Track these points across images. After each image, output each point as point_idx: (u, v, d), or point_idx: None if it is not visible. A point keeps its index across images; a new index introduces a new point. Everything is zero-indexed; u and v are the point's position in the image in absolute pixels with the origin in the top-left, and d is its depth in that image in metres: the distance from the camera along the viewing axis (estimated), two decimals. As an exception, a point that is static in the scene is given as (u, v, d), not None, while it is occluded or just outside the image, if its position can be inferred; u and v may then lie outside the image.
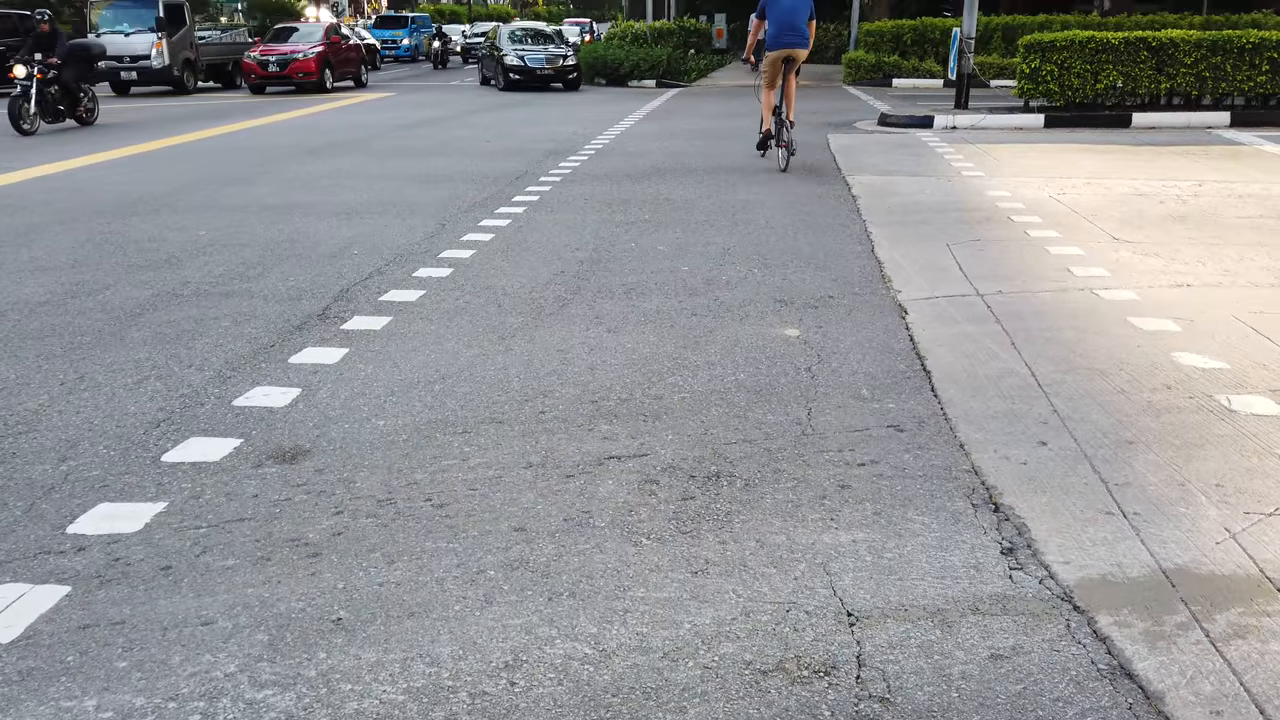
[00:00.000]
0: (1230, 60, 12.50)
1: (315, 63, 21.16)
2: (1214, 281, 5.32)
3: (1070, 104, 13.01)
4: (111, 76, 20.31)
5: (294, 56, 21.10)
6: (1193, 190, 8.08)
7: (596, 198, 8.17)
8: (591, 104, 17.76)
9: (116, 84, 21.01)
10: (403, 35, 36.26)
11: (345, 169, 9.91)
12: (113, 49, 19.38)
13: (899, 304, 5.01)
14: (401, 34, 36.40)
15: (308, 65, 21.07)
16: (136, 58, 20.62)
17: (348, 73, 23.19)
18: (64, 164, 10.40)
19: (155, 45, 20.73)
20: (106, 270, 5.79)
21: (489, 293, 5.28)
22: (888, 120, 13.66)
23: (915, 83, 20.89)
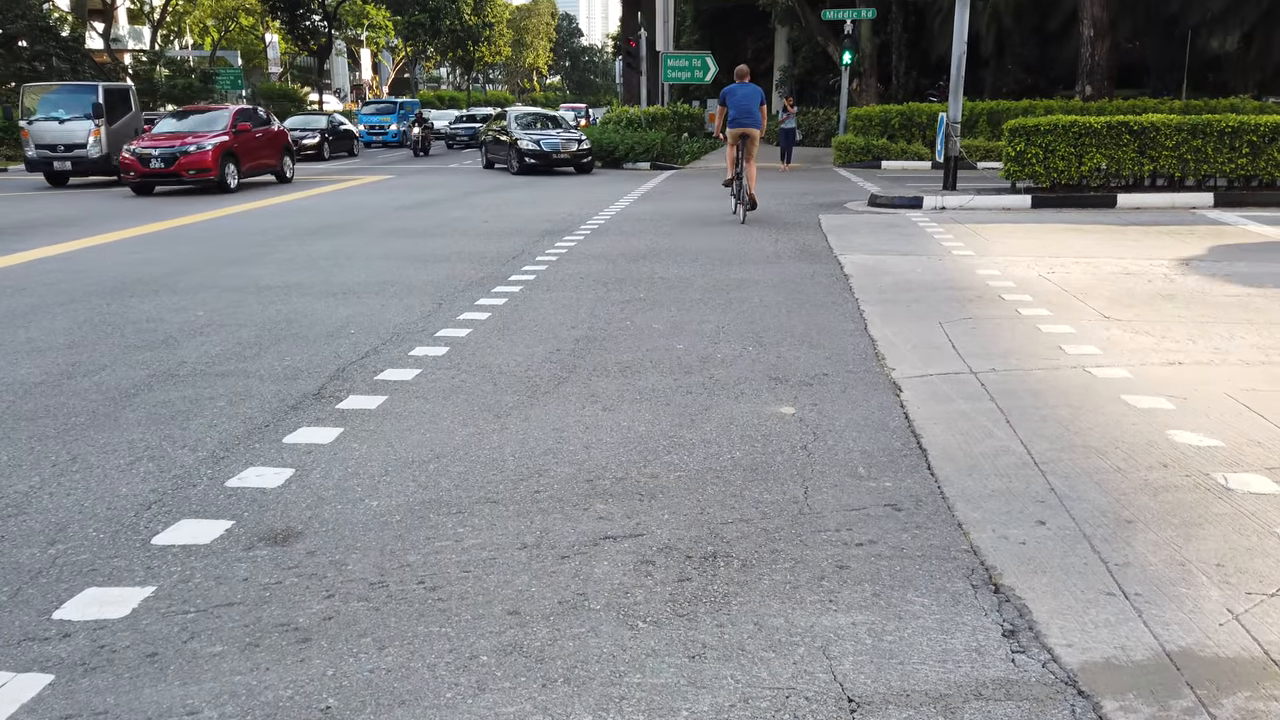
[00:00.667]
0: (1211, 143, 12.82)
1: (213, 157, 16.96)
2: (1205, 359, 5.36)
3: (1056, 185, 13.28)
4: (44, 166, 19.03)
5: (183, 150, 16.89)
6: (1180, 269, 8.20)
7: (592, 277, 8.25)
8: (588, 185, 18.08)
9: (51, 174, 19.22)
10: (391, 120, 36.36)
11: (343, 250, 10.02)
12: (48, 137, 18.79)
13: (893, 382, 5.03)
14: (390, 119, 36.55)
15: (202, 160, 16.86)
16: (72, 146, 18.89)
17: (263, 166, 18.91)
18: (67, 245, 10.51)
19: (93, 133, 18.95)
20: (103, 351, 5.81)
21: (485, 371, 5.30)
22: (878, 201, 13.90)
23: (904, 165, 21.35)
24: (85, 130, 19.04)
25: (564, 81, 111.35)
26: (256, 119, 19.23)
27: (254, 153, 18.46)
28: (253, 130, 18.59)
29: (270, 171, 19.25)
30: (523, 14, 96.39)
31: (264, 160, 18.88)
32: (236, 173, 17.64)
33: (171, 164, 16.81)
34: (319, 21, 53.24)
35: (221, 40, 57.65)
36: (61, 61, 27.89)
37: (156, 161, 16.80)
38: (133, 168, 17.00)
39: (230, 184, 17.32)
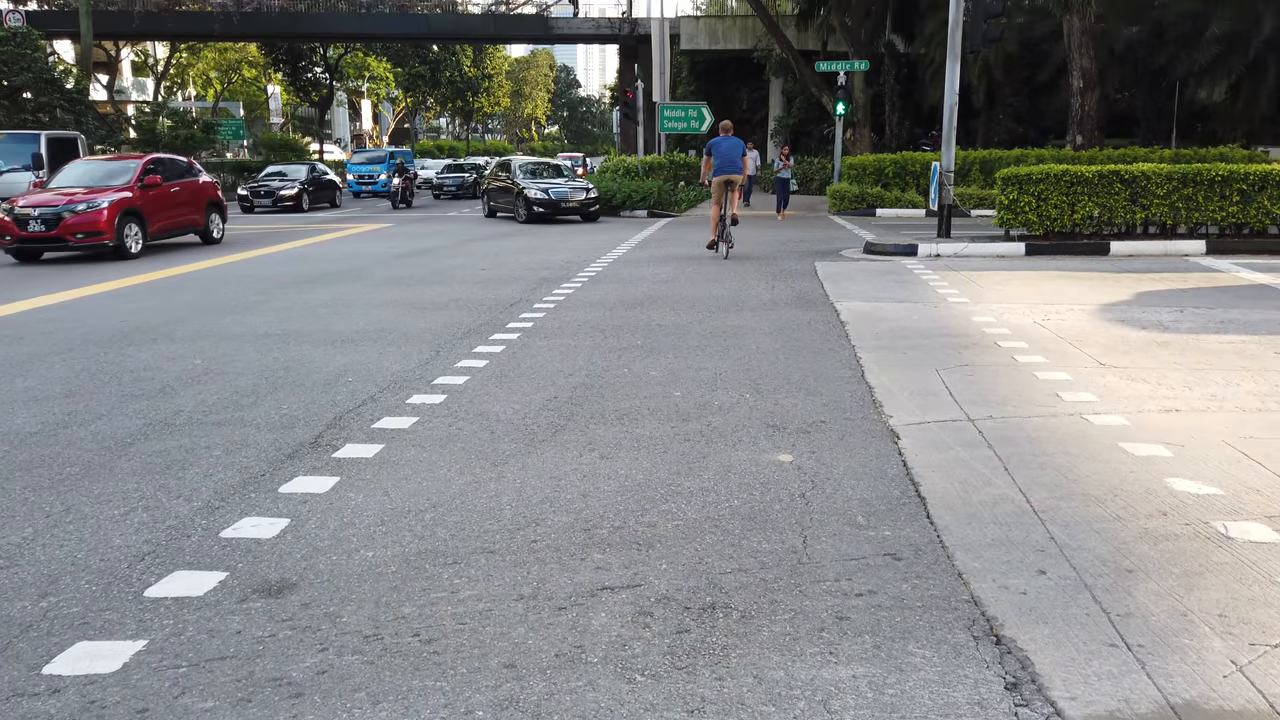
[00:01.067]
0: (1201, 191, 12.97)
1: (108, 217, 13.91)
2: (1202, 406, 5.37)
3: (1049, 233, 13.41)
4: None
5: (70, 209, 13.82)
6: (1174, 316, 8.25)
7: (590, 324, 8.28)
8: (585, 233, 18.22)
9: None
10: (381, 170, 35.85)
11: (342, 297, 10.06)
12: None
13: (891, 429, 5.03)
14: (380, 169, 36.15)
15: (93, 221, 13.82)
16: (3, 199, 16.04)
17: (180, 225, 16.02)
18: (66, 294, 10.55)
19: (34, 184, 16.84)
20: (100, 400, 5.80)
21: (482, 419, 5.29)
22: (873, 248, 14.01)
23: (898, 212, 21.55)
24: (26, 183, 17.30)
25: (562, 131, 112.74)
26: (173, 170, 16.23)
27: (168, 210, 15.45)
28: (165, 184, 15.49)
29: (194, 231, 16.49)
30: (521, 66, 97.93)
31: (182, 218, 16.00)
32: (142, 235, 14.68)
33: (55, 226, 13.70)
34: (321, 73, 54.09)
35: (224, 92, 58.47)
36: (65, 113, 28.23)
37: (36, 223, 13.69)
38: (7, 231, 13.79)
39: (131, 249, 14.37)
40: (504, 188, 23.06)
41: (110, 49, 48.11)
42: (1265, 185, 12.88)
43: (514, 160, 24.34)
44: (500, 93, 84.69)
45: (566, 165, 26.61)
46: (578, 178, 24.28)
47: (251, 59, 55.91)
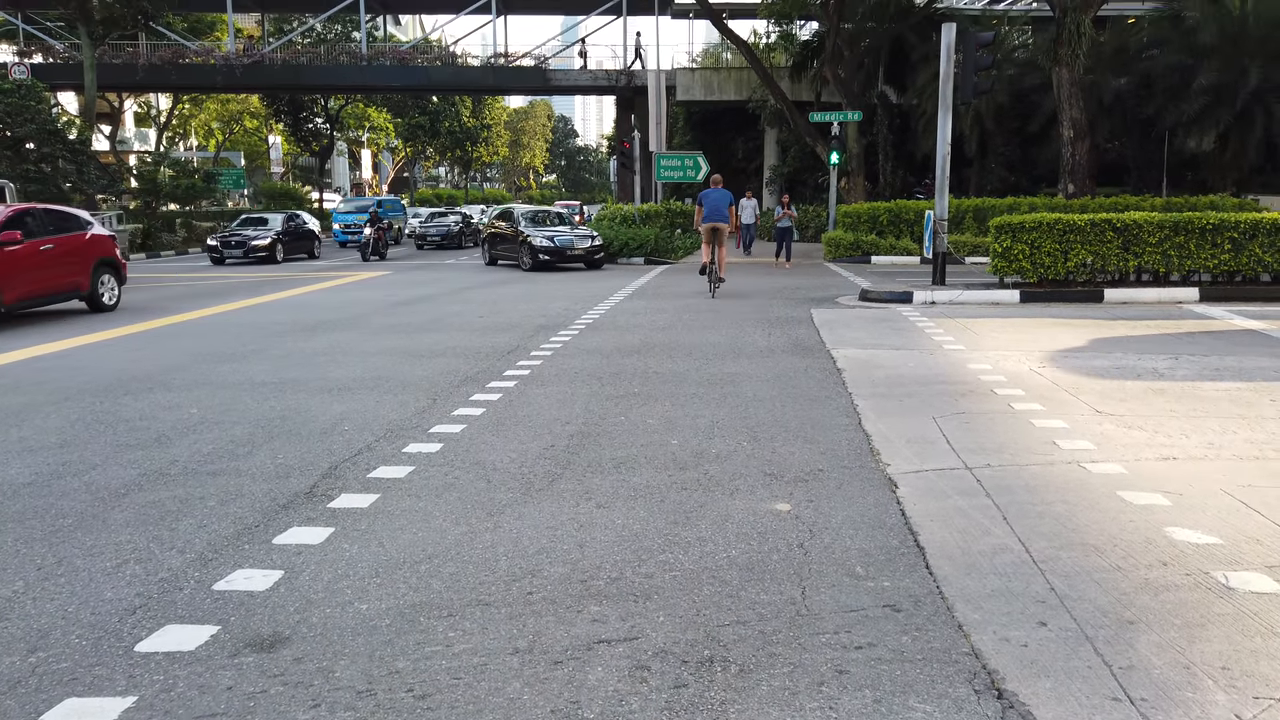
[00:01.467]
0: (1193, 239, 13.09)
1: None
2: (1199, 454, 5.36)
3: (1043, 280, 13.50)
4: None
5: None
6: (1169, 363, 8.27)
7: (587, 371, 8.29)
8: (583, 280, 18.32)
9: None
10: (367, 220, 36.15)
11: (339, 345, 10.08)
12: None
13: (889, 477, 5.02)
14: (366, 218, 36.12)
15: None
16: None
17: (54, 290, 13.14)
18: (63, 343, 10.55)
19: None
20: (95, 450, 5.78)
21: (478, 468, 5.27)
22: (869, 296, 14.09)
23: (893, 260, 21.71)
24: None
25: (560, 180, 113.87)
26: (47, 223, 13.27)
27: (33, 272, 12.63)
28: (32, 240, 12.65)
29: (78, 296, 13.60)
30: (520, 116, 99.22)
31: (57, 281, 13.12)
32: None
33: None
34: (321, 124, 54.76)
35: (226, 142, 59.13)
36: (67, 163, 28.49)
37: None
38: None
39: None
40: (506, 235, 23.07)
41: (114, 100, 48.73)
42: (1256, 233, 13.01)
43: (516, 208, 24.48)
44: (499, 142, 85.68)
45: (567, 213, 26.81)
46: (580, 225, 24.42)
47: (253, 110, 56.62)
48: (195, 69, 40.38)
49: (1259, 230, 13.01)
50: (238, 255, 25.35)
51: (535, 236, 21.60)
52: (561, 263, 21.60)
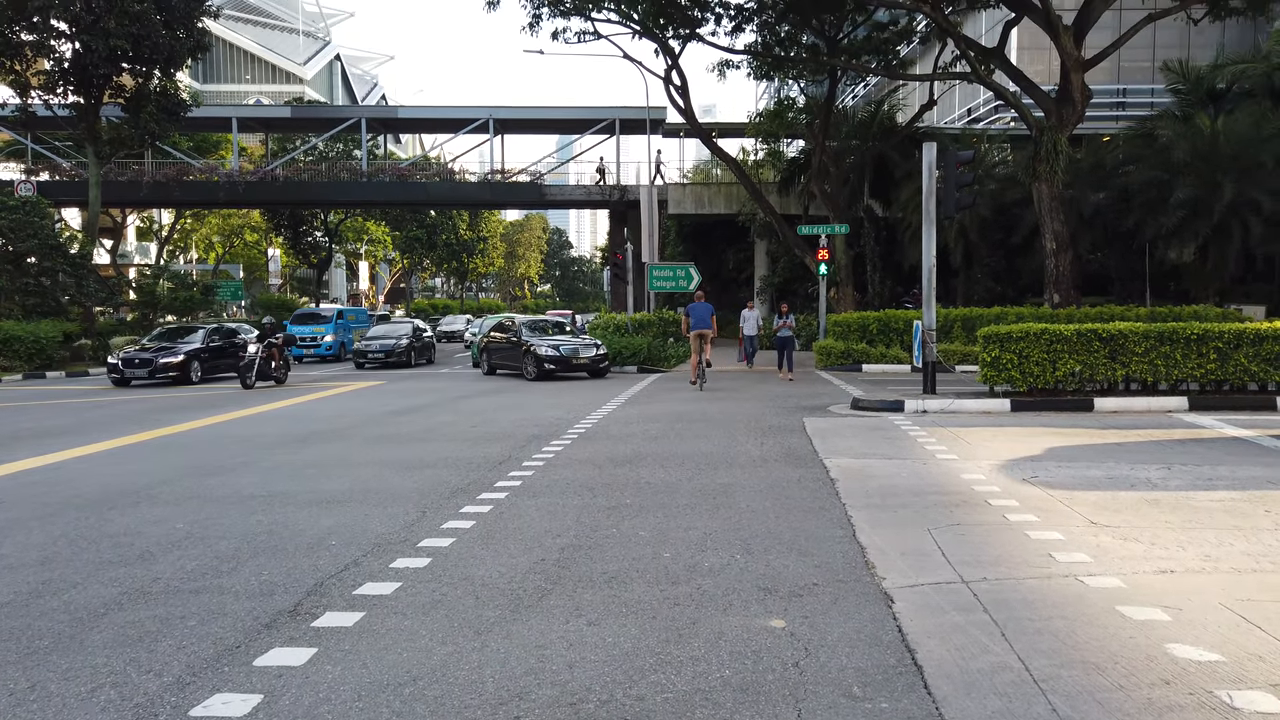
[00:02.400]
0: (1179, 349, 13.26)
1: None
2: (1196, 567, 5.30)
3: (1033, 389, 13.59)
4: None
5: None
6: (1162, 474, 8.26)
7: (579, 482, 8.24)
8: (576, 389, 18.37)
9: None
10: (326, 331, 31.61)
11: (329, 457, 10.02)
12: None
13: (885, 592, 4.94)
14: (325, 329, 31.68)
15: None
16: None
17: None
18: (52, 456, 10.48)
19: None
20: (76, 567, 5.67)
21: (467, 584, 5.18)
22: (860, 404, 14.14)
23: (884, 368, 21.89)
24: None
25: (554, 289, 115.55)
26: None
27: None
28: None
29: None
30: (516, 228, 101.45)
31: None
32: None
33: None
34: (321, 237, 55.82)
35: (225, 255, 60.14)
36: (68, 277, 28.89)
37: None
38: None
39: None
40: (507, 345, 23.04)
41: (117, 215, 49.75)
42: (1240, 343, 13.19)
43: (517, 318, 24.67)
44: (495, 254, 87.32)
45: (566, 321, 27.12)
46: (583, 334, 24.60)
47: (254, 224, 57.81)
48: (199, 185, 41.41)
49: (1243, 340, 13.19)
50: (142, 375, 21.40)
51: (540, 345, 21.56)
52: (566, 372, 21.50)
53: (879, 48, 32.05)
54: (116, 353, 22.86)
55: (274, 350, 20.67)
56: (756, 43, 31.45)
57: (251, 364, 20.11)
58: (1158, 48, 36.85)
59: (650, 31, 28.50)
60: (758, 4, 29.18)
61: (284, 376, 21.02)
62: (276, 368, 20.64)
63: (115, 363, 21.76)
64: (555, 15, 28.69)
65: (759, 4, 29.17)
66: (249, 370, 20.01)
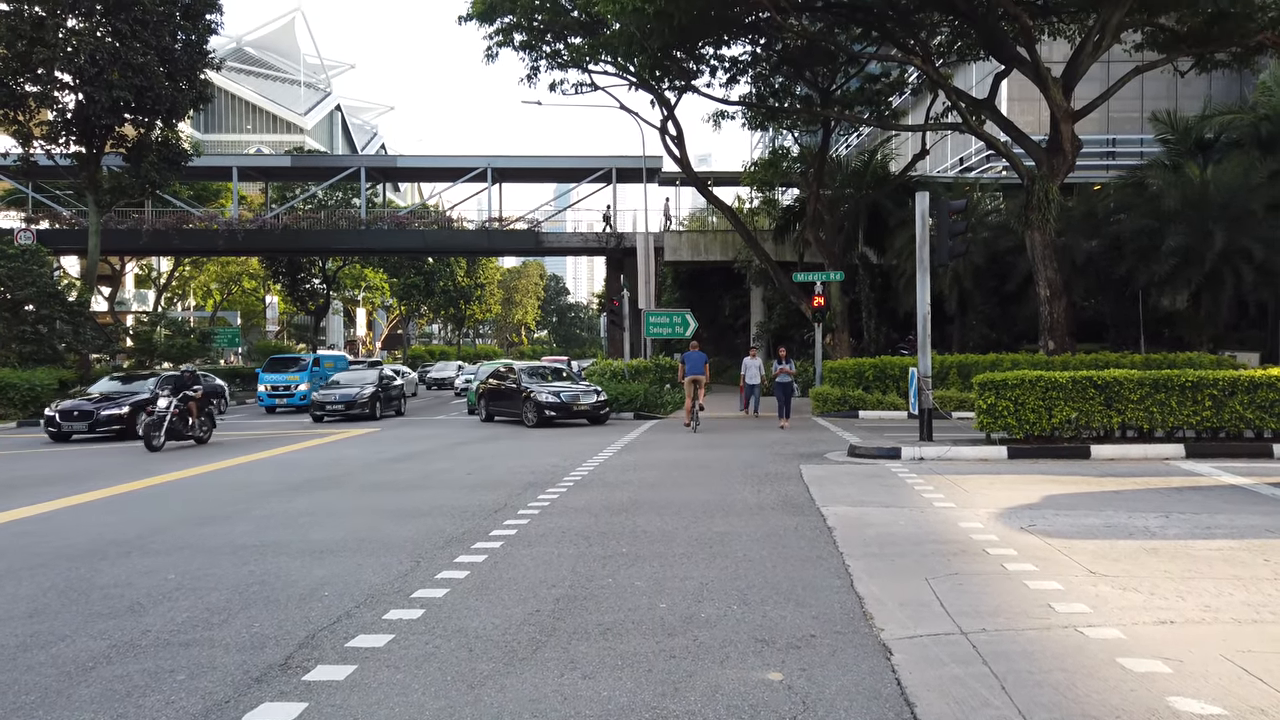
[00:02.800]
0: (1174, 396, 13.28)
1: None
2: (1196, 618, 5.26)
3: (1029, 436, 13.58)
4: None
5: None
6: (1160, 522, 8.23)
7: (574, 531, 8.18)
8: (572, 436, 18.33)
9: None
10: (301, 379, 30.01)
11: (324, 505, 9.95)
12: None
13: (883, 643, 4.89)
14: (300, 377, 30.07)
15: None
16: None
17: None
18: (44, 506, 10.40)
19: None
20: (65, 620, 5.60)
21: (460, 636, 5.11)
22: (857, 451, 14.11)
23: (880, 414, 21.88)
24: None
25: (551, 336, 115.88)
26: None
27: None
28: None
29: None
30: (513, 275, 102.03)
31: None
32: None
33: None
34: (318, 284, 56.06)
35: (223, 302, 60.32)
36: (65, 324, 28.94)
37: None
38: None
39: None
40: (506, 391, 22.96)
41: (115, 263, 50.00)
42: (1235, 390, 13.22)
43: (516, 364, 24.61)
44: (492, 300, 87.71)
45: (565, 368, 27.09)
46: (583, 380, 24.57)
47: (252, 271, 58.09)
48: (198, 233, 41.68)
49: (1237, 387, 13.22)
50: (82, 430, 19.37)
51: (540, 392, 21.46)
52: (567, 419, 21.39)
53: (871, 99, 32.60)
54: (55, 404, 20.23)
55: (191, 405, 17.70)
56: (751, 94, 31.99)
57: (159, 421, 16.79)
58: (1146, 99, 37.50)
59: (646, 83, 28.96)
60: (752, 57, 29.73)
61: (206, 435, 18.19)
62: (194, 425, 17.67)
63: (52, 415, 19.41)
64: (553, 67, 29.18)
65: (753, 57, 29.72)
66: (155, 430, 16.66)
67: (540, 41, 28.19)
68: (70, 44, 27.48)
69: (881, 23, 26.52)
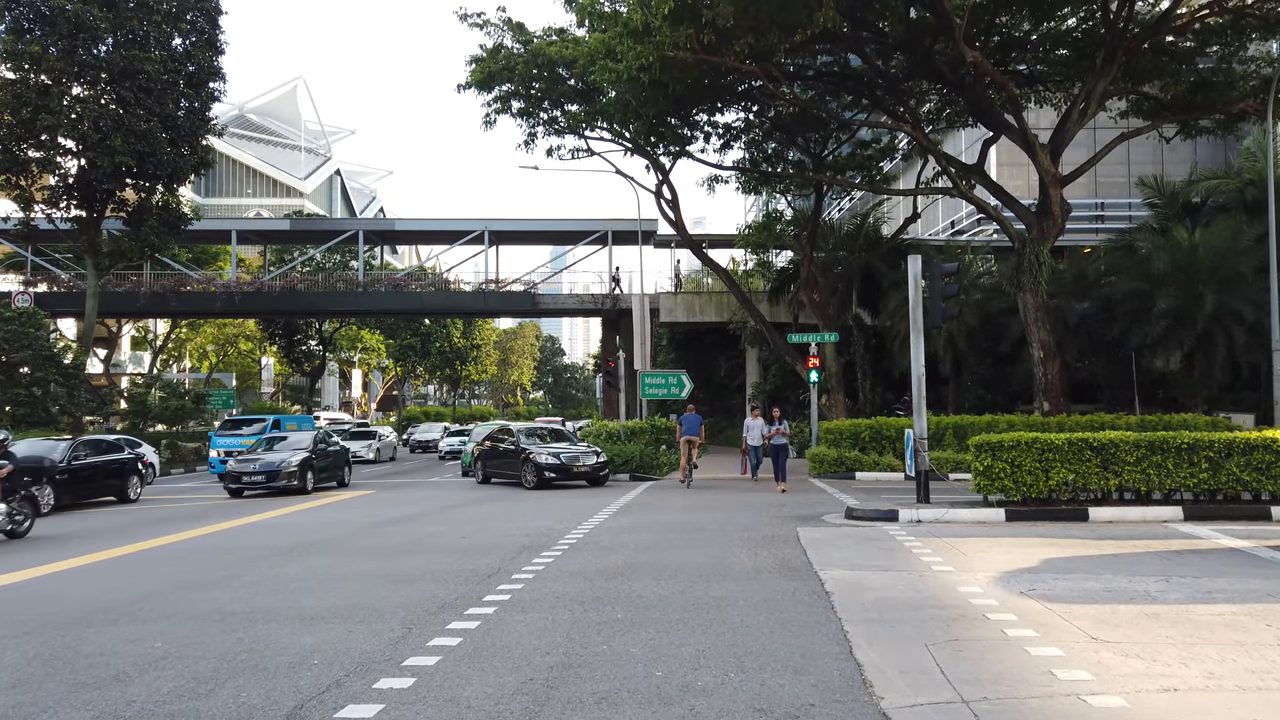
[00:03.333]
0: (1170, 458, 13.24)
1: None
2: (1200, 685, 5.18)
3: (1027, 499, 13.51)
4: None
5: None
6: (1160, 586, 8.15)
7: (569, 596, 8.07)
8: (567, 498, 18.19)
9: None
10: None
11: (315, 570, 9.83)
12: None
13: (883, 712, 4.80)
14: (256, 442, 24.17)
15: None
16: None
17: None
18: (34, 571, 10.26)
19: None
20: (48, 690, 5.48)
21: (451, 706, 5.01)
22: (854, 514, 14.01)
23: (877, 476, 21.77)
24: None
25: (547, 396, 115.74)
26: None
27: None
28: None
29: None
30: (509, 336, 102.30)
31: None
32: None
33: None
34: (315, 345, 56.16)
35: (219, 364, 60.32)
36: (59, 387, 28.88)
37: None
38: None
39: None
40: (503, 452, 22.75)
41: (112, 325, 50.09)
42: (1231, 453, 13.19)
43: (513, 425, 24.55)
44: (488, 361, 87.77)
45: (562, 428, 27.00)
46: (581, 441, 24.45)
47: (249, 333, 58.21)
48: (195, 296, 41.82)
49: (1233, 449, 13.20)
50: None
51: (540, 454, 21.24)
52: (567, 480, 21.22)
53: (863, 164, 33.16)
54: None
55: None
56: (744, 159, 32.52)
57: None
58: (1133, 163, 38.18)
59: (642, 149, 29.45)
60: (745, 123, 30.30)
61: (23, 526, 13.40)
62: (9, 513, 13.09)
63: None
64: (550, 133, 29.69)
65: (746, 123, 30.29)
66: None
67: (537, 108, 28.73)
68: (75, 111, 27.91)
69: (871, 91, 27.10)
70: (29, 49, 27.35)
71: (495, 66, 27.20)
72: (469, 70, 27.64)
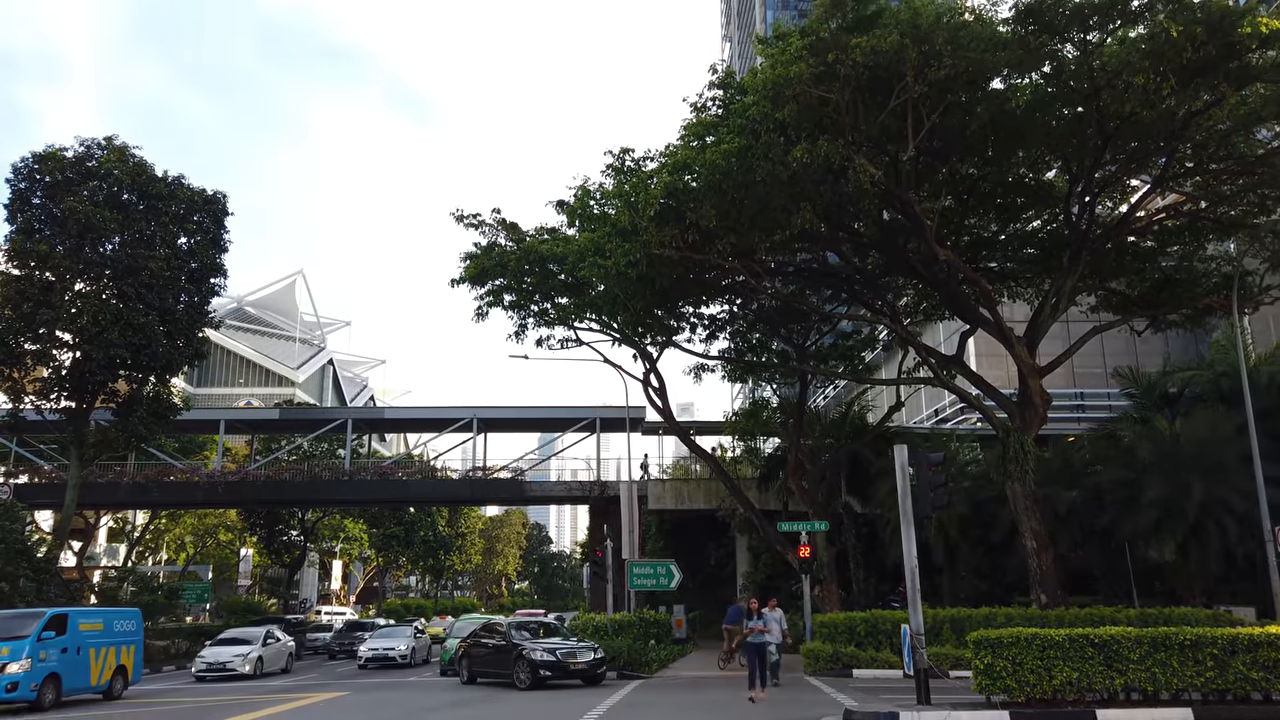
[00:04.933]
0: (1174, 656, 12.81)
1: None
2: None
3: (1031, 699, 12.96)
4: None
5: None
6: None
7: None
8: (547, 699, 17.31)
9: None
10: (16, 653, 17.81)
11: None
12: None
13: None
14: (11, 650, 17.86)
15: None
16: None
17: None
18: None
19: None
20: None
21: None
22: (853, 717, 13.39)
23: (875, 673, 20.93)
24: None
25: (532, 587, 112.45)
26: None
27: None
28: None
29: None
30: (495, 524, 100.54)
31: None
32: None
33: None
34: (296, 536, 55.02)
35: (196, 555, 58.83)
36: (29, 581, 27.98)
37: None
38: None
39: None
40: (492, 648, 21.66)
41: (90, 516, 49.14)
42: (1236, 649, 12.78)
43: (503, 619, 23.81)
44: (472, 550, 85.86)
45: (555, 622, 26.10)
46: (574, 635, 23.57)
47: (229, 523, 57.12)
48: (178, 486, 41.32)
49: (1238, 646, 12.81)
50: None
51: (534, 650, 20.08)
52: (563, 679, 19.97)
53: (845, 354, 33.98)
54: None
55: None
56: (730, 349, 33.31)
57: None
58: (1108, 355, 39.17)
59: (629, 339, 30.19)
60: (730, 315, 31.27)
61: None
62: None
63: None
64: (540, 324, 30.49)
65: (731, 315, 31.26)
66: None
67: (529, 301, 29.63)
68: (75, 305, 28.52)
69: (850, 286, 28.18)
70: (36, 248, 28.24)
71: (489, 262, 28.27)
72: (463, 266, 28.69)
